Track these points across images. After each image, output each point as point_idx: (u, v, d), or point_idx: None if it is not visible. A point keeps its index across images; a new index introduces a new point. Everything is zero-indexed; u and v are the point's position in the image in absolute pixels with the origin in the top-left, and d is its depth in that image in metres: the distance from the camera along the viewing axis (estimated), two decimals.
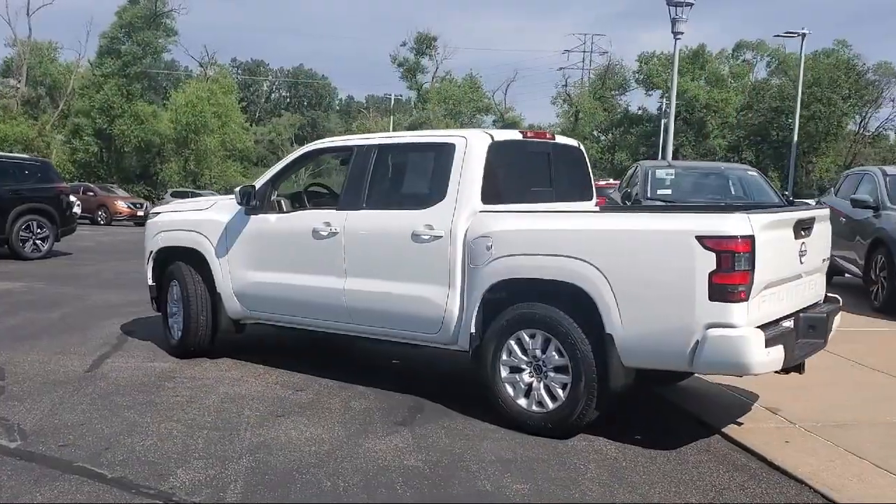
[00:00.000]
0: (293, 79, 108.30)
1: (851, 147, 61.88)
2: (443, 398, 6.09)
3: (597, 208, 6.89)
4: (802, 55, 34.52)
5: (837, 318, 5.75)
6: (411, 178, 6.42)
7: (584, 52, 64.66)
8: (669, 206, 8.58)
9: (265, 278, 6.69)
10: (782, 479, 4.64)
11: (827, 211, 5.95)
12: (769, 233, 4.75)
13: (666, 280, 4.74)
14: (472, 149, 5.73)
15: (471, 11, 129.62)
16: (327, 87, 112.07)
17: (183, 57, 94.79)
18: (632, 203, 10.52)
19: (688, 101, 55.29)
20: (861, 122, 63.04)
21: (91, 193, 34.32)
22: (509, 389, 5.41)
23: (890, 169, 11.62)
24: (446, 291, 5.68)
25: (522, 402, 5.35)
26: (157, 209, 7.95)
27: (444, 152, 5.83)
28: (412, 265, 5.84)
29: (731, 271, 4.56)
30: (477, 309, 5.50)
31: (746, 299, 4.61)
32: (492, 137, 5.83)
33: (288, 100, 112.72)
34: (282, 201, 6.88)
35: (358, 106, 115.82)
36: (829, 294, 6.02)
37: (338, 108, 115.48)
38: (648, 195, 10.41)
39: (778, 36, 34.14)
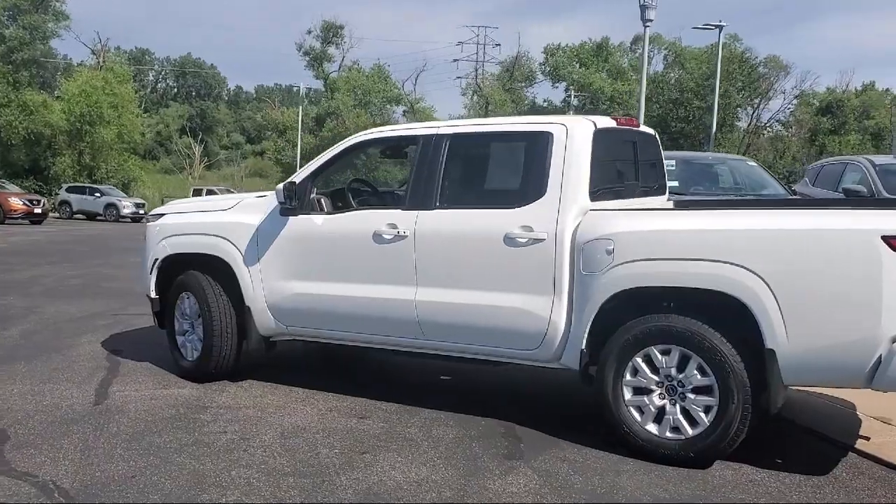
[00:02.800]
0: (180, 68, 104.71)
1: (744, 138, 64.12)
2: (532, 421, 5.39)
3: (667, 203, 6.29)
4: (721, 46, 35.28)
5: None
6: (497, 173, 5.67)
7: (478, 44, 64.54)
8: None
9: (310, 289, 5.79)
10: None
11: None
12: None
13: (844, 287, 4.17)
14: (575, 137, 5.02)
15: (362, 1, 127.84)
16: (216, 76, 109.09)
17: (70, 45, 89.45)
18: None
19: (593, 94, 55.97)
20: (753, 113, 65.37)
21: None
22: (635, 414, 4.75)
23: (878, 158, 11.62)
24: (549, 302, 4.96)
25: (652, 428, 4.70)
26: (159, 210, 6.85)
27: (539, 142, 5.11)
28: (505, 272, 5.10)
29: None
30: (591, 322, 4.81)
31: None
32: (594, 124, 5.15)
33: (175, 90, 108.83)
34: (322, 200, 6.00)
35: (247, 97, 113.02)
36: None
37: (226, 98, 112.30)
38: None
39: (696, 28, 34.54)
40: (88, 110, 45.20)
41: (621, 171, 5.63)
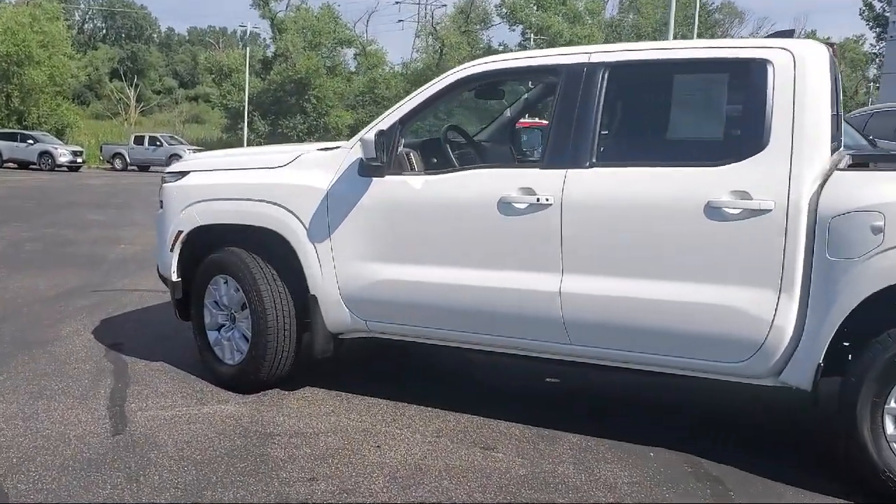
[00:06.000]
0: (108, 8, 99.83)
1: None
2: (712, 449, 4.07)
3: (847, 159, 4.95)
4: None
5: None
6: (684, 116, 4.25)
7: None
8: None
9: (405, 275, 4.31)
10: None
11: None
12: None
13: None
14: (807, 68, 3.63)
15: None
16: (147, 18, 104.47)
17: None
18: None
19: (551, 38, 54.35)
20: None
21: None
22: None
23: None
24: (774, 298, 3.60)
25: None
26: (180, 166, 5.22)
27: (753, 73, 3.69)
28: (704, 256, 3.70)
29: None
30: (839, 326, 3.47)
31: None
32: (828, 50, 3.75)
33: (104, 31, 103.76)
34: (412, 155, 4.49)
35: (180, 39, 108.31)
36: None
37: (158, 41, 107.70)
38: None
39: None
40: (16, 49, 41.86)
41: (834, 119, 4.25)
